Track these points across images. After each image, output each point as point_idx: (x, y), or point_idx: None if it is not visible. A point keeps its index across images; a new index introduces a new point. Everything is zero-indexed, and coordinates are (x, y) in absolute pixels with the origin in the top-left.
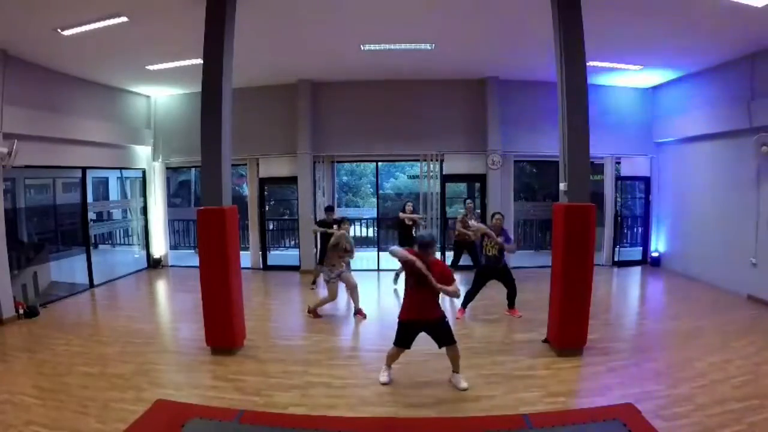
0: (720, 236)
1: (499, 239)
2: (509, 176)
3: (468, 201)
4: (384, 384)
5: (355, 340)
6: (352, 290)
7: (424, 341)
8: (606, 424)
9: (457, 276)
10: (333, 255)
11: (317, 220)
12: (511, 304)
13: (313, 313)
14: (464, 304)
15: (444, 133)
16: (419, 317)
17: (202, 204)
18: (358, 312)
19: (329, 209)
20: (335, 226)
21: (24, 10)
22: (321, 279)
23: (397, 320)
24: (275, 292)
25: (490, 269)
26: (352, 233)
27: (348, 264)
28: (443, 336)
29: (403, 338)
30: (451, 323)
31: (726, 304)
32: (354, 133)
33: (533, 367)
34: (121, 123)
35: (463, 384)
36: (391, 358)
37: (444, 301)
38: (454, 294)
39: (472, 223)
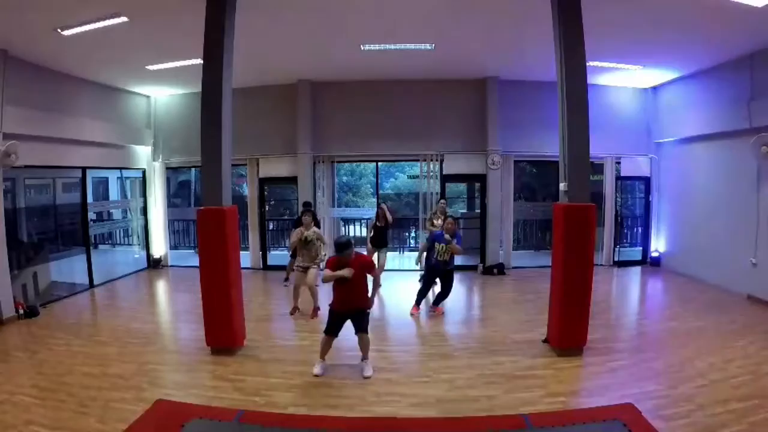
0: (720, 236)
1: (453, 242)
2: (509, 176)
3: (442, 201)
4: (317, 376)
5: (355, 341)
6: (309, 289)
7: (420, 341)
8: (606, 424)
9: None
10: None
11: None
12: (436, 302)
13: (293, 311)
14: (418, 302)
15: (444, 133)
16: (348, 308)
17: (202, 204)
18: (315, 310)
19: (308, 204)
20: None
21: (24, 10)
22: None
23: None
24: (275, 292)
25: (438, 270)
26: (351, 233)
27: (317, 262)
28: (360, 324)
29: (333, 326)
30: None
31: (726, 304)
32: (354, 133)
33: (533, 367)
34: (121, 123)
35: (368, 372)
36: (324, 349)
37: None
38: (378, 277)
39: (438, 223)
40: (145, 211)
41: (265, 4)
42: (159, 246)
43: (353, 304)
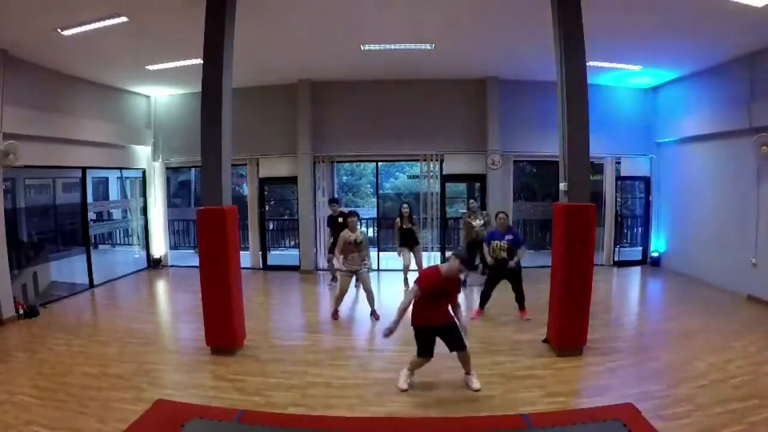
0: (720, 236)
1: (506, 239)
2: (509, 176)
3: (471, 201)
4: (404, 390)
5: (356, 341)
6: (367, 293)
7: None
8: (606, 424)
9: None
10: (346, 248)
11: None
12: (520, 306)
13: (334, 315)
14: (482, 305)
15: (444, 133)
16: (431, 324)
17: (202, 204)
18: (373, 313)
19: (334, 201)
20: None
21: (24, 10)
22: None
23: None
24: (275, 292)
25: (498, 270)
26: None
27: (367, 263)
28: (453, 341)
29: (427, 346)
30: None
31: (726, 304)
32: (354, 133)
33: (533, 367)
34: (121, 123)
35: (475, 384)
36: (416, 368)
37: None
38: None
39: (478, 222)
40: (145, 211)
41: (266, 3)
42: (159, 246)
43: (437, 320)
